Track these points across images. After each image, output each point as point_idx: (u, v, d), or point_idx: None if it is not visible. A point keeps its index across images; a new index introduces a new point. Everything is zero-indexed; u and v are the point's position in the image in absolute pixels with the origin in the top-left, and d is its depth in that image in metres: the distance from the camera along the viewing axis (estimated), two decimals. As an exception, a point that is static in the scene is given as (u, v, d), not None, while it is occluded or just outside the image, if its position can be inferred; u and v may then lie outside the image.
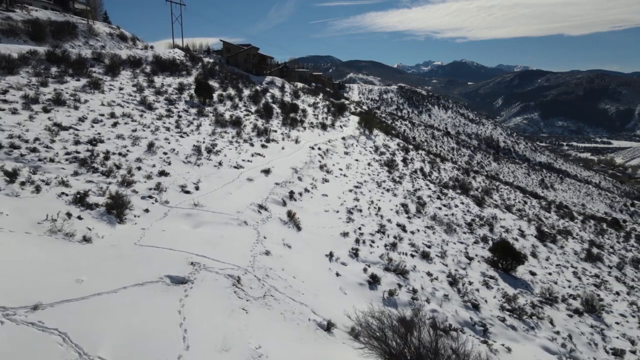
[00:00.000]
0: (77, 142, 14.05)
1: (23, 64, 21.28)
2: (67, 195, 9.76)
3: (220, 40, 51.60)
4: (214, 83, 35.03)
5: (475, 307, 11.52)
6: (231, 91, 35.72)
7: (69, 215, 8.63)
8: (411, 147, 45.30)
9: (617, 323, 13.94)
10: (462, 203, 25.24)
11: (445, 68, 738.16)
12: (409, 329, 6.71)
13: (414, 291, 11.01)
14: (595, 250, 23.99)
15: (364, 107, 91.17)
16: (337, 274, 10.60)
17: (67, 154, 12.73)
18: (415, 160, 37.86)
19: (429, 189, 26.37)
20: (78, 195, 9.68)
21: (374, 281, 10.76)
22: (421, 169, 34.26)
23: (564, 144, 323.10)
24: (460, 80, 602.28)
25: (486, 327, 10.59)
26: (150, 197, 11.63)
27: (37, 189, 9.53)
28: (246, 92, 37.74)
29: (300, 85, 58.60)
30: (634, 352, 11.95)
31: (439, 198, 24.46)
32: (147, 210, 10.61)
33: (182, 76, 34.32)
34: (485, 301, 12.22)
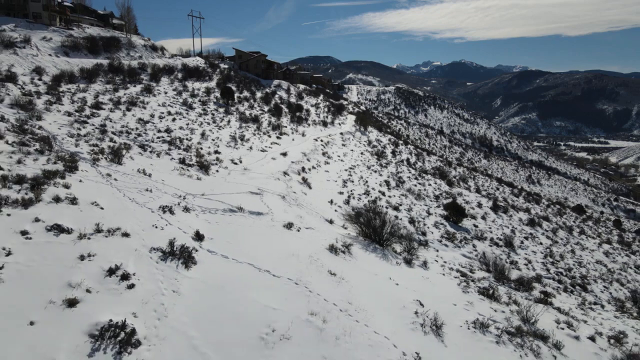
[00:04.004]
0: (159, 131, 20.70)
1: (95, 75, 27.90)
2: (174, 159, 16.39)
3: (233, 49, 58.24)
4: (231, 87, 41.60)
5: (424, 234, 18.12)
6: (246, 93, 42.32)
7: (182, 168, 15.23)
8: (401, 142, 51.90)
9: (526, 254, 20.54)
10: (435, 183, 31.83)
11: (444, 68, 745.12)
12: (373, 217, 13.30)
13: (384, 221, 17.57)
14: (537, 219, 30.52)
15: (362, 107, 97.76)
16: (335, 210, 17.19)
17: (158, 138, 19.37)
18: (403, 153, 44.43)
19: (410, 173, 32.96)
20: (180, 159, 16.30)
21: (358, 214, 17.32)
22: (407, 160, 40.82)
23: (562, 143, 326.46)
24: (459, 81, 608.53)
25: (427, 243, 17.18)
26: (216, 164, 18.22)
27: (158, 155, 16.18)
28: (258, 94, 44.34)
29: (302, 87, 65.10)
30: (526, 265, 18.53)
31: (416, 179, 31.06)
32: (217, 171, 17.19)
33: (206, 81, 40.93)
34: (432, 233, 18.83)
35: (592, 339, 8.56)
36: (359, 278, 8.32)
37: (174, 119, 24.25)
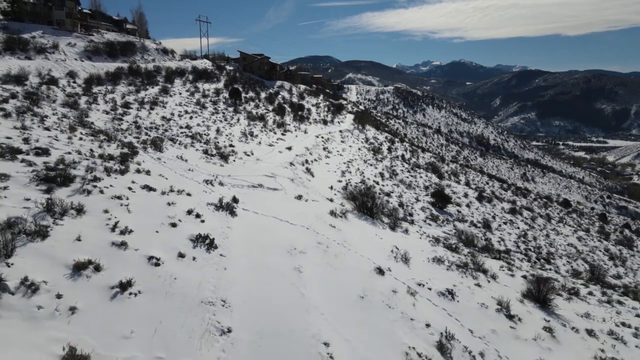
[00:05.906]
0: (180, 127, 23.72)
1: (118, 77, 30.89)
2: (198, 150, 19.41)
3: (238, 51, 61.29)
4: (238, 87, 44.55)
5: (411, 215, 21.14)
6: (252, 94, 45.31)
7: (207, 157, 18.25)
8: (397, 140, 54.91)
9: (501, 235, 23.55)
10: (427, 176, 34.85)
11: (444, 68, 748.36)
12: (367, 200, 16.32)
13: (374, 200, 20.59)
14: (519, 208, 33.52)
15: (361, 107, 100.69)
16: (335, 194, 20.21)
17: (181, 133, 22.39)
18: (399, 150, 47.42)
19: (404, 167, 35.98)
20: (204, 150, 19.32)
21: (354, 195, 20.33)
22: (402, 155, 43.80)
23: (560, 143, 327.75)
24: (459, 81, 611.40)
25: (413, 222, 20.19)
26: (232, 155, 21.23)
27: (185, 147, 19.21)
28: (263, 95, 47.32)
29: (303, 87, 68.05)
30: (499, 242, 21.54)
31: (409, 172, 34.07)
32: (234, 160, 20.21)
33: (214, 82, 43.94)
34: (418, 215, 21.86)
35: (524, 277, 11.58)
36: (352, 231, 11.35)
37: (191, 117, 27.26)
